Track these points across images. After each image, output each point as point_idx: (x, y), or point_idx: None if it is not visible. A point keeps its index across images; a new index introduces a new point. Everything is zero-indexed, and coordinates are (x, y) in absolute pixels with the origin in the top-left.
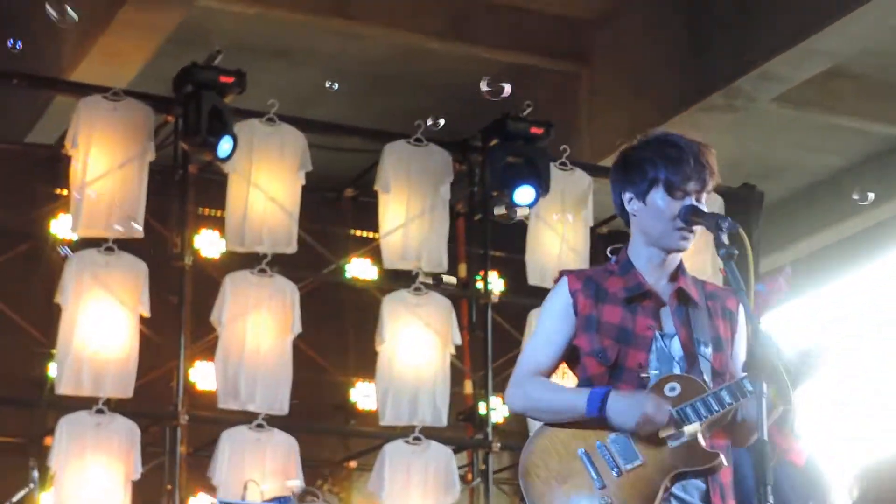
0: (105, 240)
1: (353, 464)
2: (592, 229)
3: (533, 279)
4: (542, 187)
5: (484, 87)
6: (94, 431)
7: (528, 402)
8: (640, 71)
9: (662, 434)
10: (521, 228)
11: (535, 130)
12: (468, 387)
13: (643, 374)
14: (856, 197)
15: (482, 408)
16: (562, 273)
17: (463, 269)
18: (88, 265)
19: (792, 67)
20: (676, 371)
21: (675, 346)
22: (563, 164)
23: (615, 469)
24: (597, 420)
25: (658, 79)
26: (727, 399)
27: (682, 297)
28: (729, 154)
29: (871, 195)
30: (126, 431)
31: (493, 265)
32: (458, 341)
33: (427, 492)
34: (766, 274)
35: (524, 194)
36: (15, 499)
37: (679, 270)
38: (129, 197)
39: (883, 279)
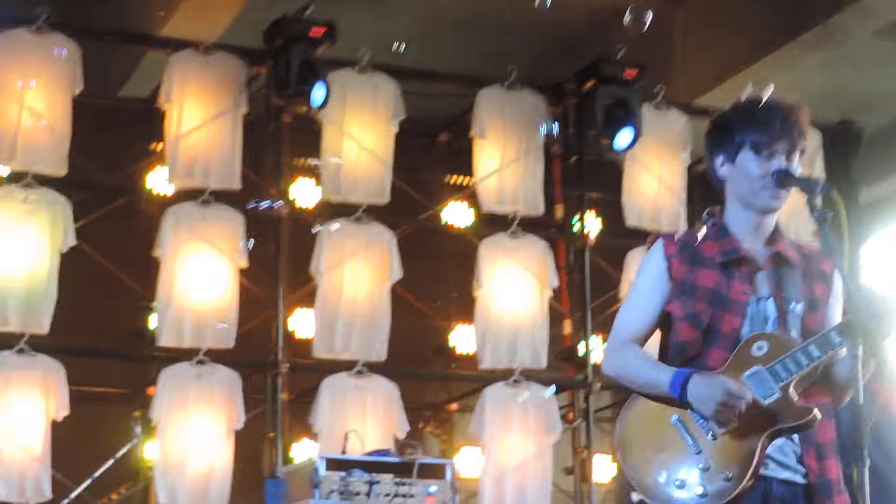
0: (202, 192)
1: (454, 406)
2: (689, 168)
3: (630, 220)
4: (637, 129)
5: (627, 17)
6: (195, 382)
7: (619, 369)
8: (734, 8)
9: (758, 393)
10: (617, 169)
11: (628, 72)
12: (567, 327)
13: (737, 339)
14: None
15: (581, 348)
16: (657, 237)
17: (560, 211)
18: (185, 218)
19: (890, 1)
20: (770, 332)
21: (770, 308)
22: (658, 104)
23: (709, 433)
24: (677, 401)
25: (753, 16)
26: (816, 353)
27: (778, 260)
28: (826, 89)
29: None
30: (227, 381)
31: (589, 206)
32: (556, 283)
33: (528, 432)
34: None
35: (623, 138)
36: (120, 453)
37: (776, 233)
38: (224, 149)
39: None
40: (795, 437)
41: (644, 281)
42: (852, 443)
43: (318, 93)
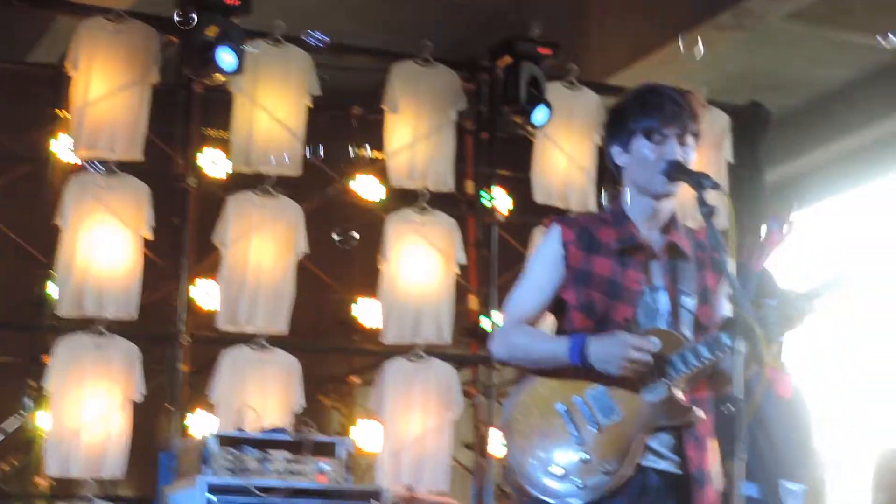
0: (106, 162)
1: (355, 379)
2: (599, 147)
3: (539, 197)
4: (549, 106)
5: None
6: (93, 353)
7: (511, 349)
8: None
9: (642, 388)
10: (528, 147)
11: (542, 50)
12: (473, 303)
13: (630, 329)
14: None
15: (486, 324)
16: (554, 221)
17: (470, 187)
18: (90, 186)
19: None
20: (662, 325)
21: (663, 300)
22: (570, 82)
23: (594, 424)
24: (578, 367)
25: None
26: (705, 354)
27: (672, 251)
28: (737, 70)
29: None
30: (126, 352)
31: (499, 183)
32: (463, 261)
33: (428, 407)
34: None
35: (539, 115)
36: (10, 429)
37: (672, 223)
38: (132, 119)
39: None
40: None
41: (539, 265)
42: (729, 436)
43: (226, 56)
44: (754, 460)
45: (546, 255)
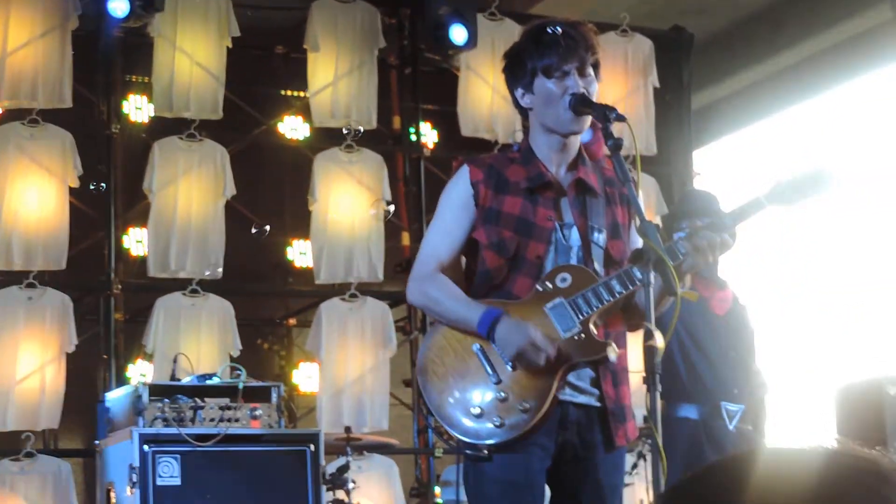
0: (29, 111)
1: (292, 321)
2: None
3: (466, 130)
4: (472, 38)
5: None
6: (25, 305)
7: (426, 301)
8: None
9: (559, 326)
10: (453, 81)
11: None
12: (405, 239)
13: (542, 266)
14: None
15: None
16: (461, 161)
17: (397, 123)
18: (13, 137)
19: None
20: (573, 261)
21: (574, 237)
22: (492, 14)
23: (509, 363)
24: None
25: None
26: (617, 288)
27: (581, 187)
28: None
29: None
30: (58, 304)
31: (425, 118)
32: (390, 197)
33: (365, 347)
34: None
35: (458, 33)
36: None
37: (579, 159)
38: (53, 66)
39: (816, 117)
40: None
41: (449, 207)
42: (645, 368)
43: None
44: (693, 382)
45: (456, 197)
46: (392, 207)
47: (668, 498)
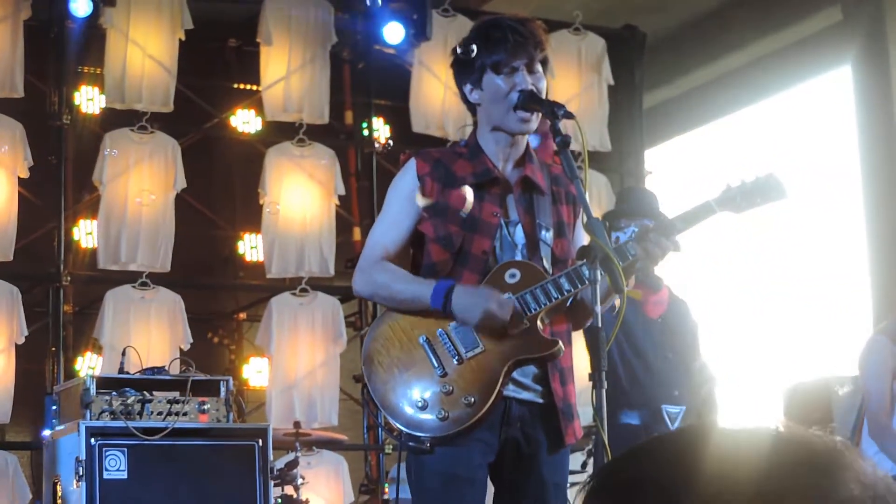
0: None
1: (243, 316)
2: None
3: (417, 126)
4: (423, 33)
5: None
6: None
7: (374, 288)
8: None
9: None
10: (406, 76)
11: None
12: (356, 234)
13: (487, 261)
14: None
15: None
16: (409, 155)
17: (349, 117)
18: None
19: None
20: (519, 258)
21: (519, 234)
22: (445, 10)
23: (455, 357)
24: (438, 312)
25: None
26: (566, 286)
27: (527, 185)
28: None
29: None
30: (6, 295)
31: (378, 113)
32: (342, 192)
33: (315, 342)
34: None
35: (392, 32)
36: None
37: (526, 156)
38: (4, 56)
39: (768, 118)
40: None
41: (396, 199)
42: (591, 364)
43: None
44: (633, 387)
45: (402, 190)
46: None
47: (612, 467)
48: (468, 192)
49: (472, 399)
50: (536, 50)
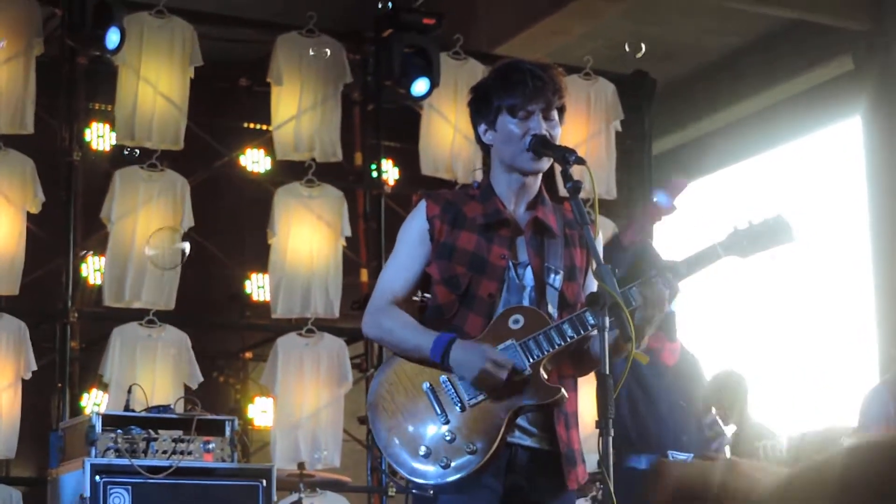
0: None
1: (249, 355)
2: None
3: (426, 169)
4: (434, 78)
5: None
6: None
7: (380, 332)
8: None
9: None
10: (415, 118)
11: (426, 21)
12: (363, 276)
13: (493, 304)
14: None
15: None
16: (421, 196)
17: (359, 159)
18: None
19: None
20: (526, 302)
21: (528, 276)
22: (456, 53)
23: (458, 404)
24: (439, 366)
25: None
26: (569, 332)
27: (538, 227)
28: (624, 38)
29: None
30: (14, 330)
31: (387, 155)
32: (349, 233)
33: (320, 383)
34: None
35: (419, 86)
36: None
37: (539, 198)
38: (16, 92)
39: (777, 167)
40: None
41: (406, 241)
42: (599, 412)
43: (112, 36)
44: (641, 433)
45: (412, 232)
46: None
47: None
48: None
49: (476, 446)
50: (554, 96)
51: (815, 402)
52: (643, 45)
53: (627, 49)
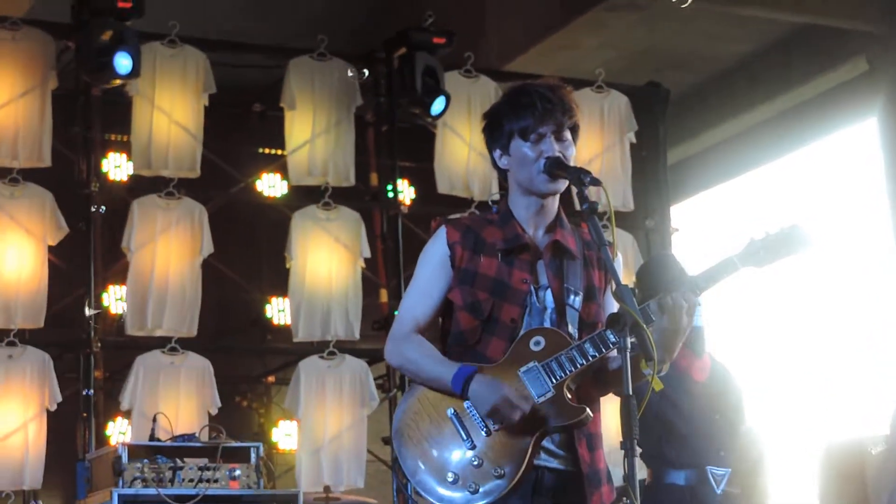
0: (9, 171)
1: (271, 379)
2: None
3: (442, 187)
4: (447, 96)
5: None
6: (5, 364)
7: (402, 361)
8: None
9: (532, 390)
10: (429, 137)
11: (437, 40)
12: (383, 296)
13: (515, 328)
14: None
15: None
16: (440, 222)
17: (375, 179)
18: None
19: None
20: (547, 323)
21: (549, 298)
22: (467, 70)
23: (484, 429)
24: (460, 397)
25: None
26: (591, 351)
27: (557, 250)
28: (636, 49)
29: None
30: (38, 362)
31: (403, 174)
32: (368, 254)
33: (343, 405)
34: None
35: (437, 105)
36: None
37: (557, 221)
38: (33, 126)
39: (794, 172)
40: None
41: (427, 269)
42: (623, 433)
43: (122, 60)
44: (678, 448)
45: (432, 258)
46: None
47: None
48: None
49: (503, 470)
50: (565, 117)
51: (839, 409)
52: None
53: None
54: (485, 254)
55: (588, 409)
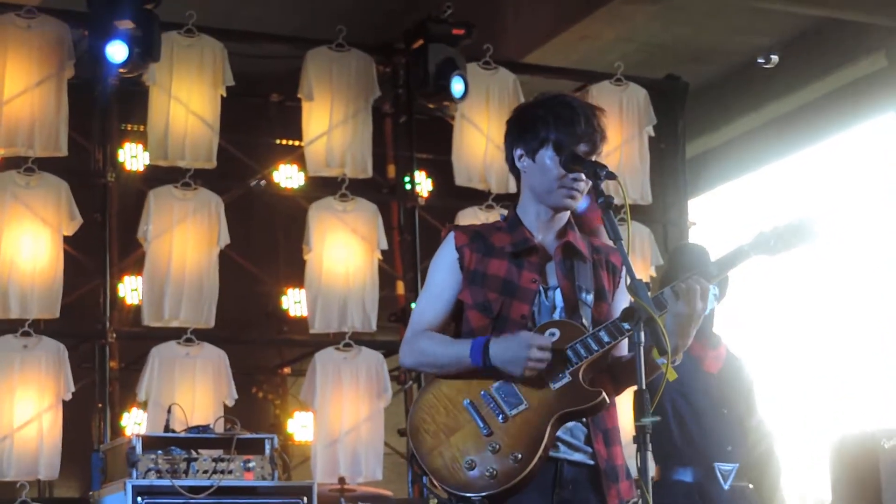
0: (25, 159)
1: (287, 370)
2: None
3: (460, 180)
4: (466, 86)
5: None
6: (21, 353)
7: (417, 356)
8: None
9: (547, 377)
10: (447, 129)
11: (456, 31)
12: (400, 288)
13: (526, 326)
14: (761, 60)
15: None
16: (449, 228)
17: (392, 171)
18: (9, 186)
19: None
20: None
21: (558, 298)
22: (486, 62)
23: (500, 415)
24: (483, 369)
25: None
26: (605, 338)
27: (568, 251)
28: (655, 42)
29: (775, 57)
30: (53, 352)
31: (420, 167)
32: (385, 246)
33: (359, 397)
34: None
35: (457, 87)
36: None
37: (567, 226)
38: (49, 115)
39: (812, 165)
40: (584, 419)
41: (437, 273)
42: (636, 428)
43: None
44: (686, 444)
45: (443, 262)
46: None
47: None
48: None
49: (520, 455)
50: (602, 142)
51: (852, 402)
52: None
53: (760, 60)
54: (494, 256)
55: (604, 394)
